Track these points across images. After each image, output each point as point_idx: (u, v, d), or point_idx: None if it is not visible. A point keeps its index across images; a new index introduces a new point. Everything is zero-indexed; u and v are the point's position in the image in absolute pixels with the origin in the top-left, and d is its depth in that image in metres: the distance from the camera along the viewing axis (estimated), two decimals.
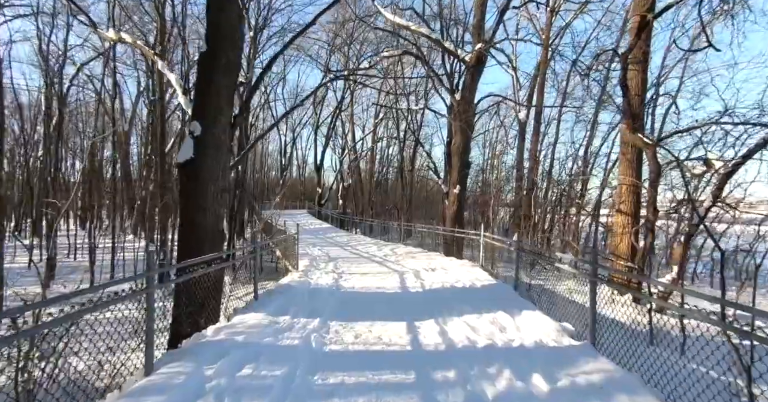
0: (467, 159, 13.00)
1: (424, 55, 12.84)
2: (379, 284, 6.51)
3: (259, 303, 4.88)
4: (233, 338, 3.39)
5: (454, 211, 12.73)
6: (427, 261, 9.01)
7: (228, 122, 5.25)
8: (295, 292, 5.49)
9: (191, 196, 4.96)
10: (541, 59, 19.75)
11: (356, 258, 10.09)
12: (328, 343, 3.61)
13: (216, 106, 5.04)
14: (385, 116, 33.70)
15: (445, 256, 9.92)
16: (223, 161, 5.24)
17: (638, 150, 7.11)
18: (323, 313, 4.53)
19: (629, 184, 7.20)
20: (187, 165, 4.93)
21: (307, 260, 8.89)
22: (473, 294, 5.51)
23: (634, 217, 7.19)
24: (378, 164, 36.88)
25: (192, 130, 4.98)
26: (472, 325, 4.08)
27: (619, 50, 7.82)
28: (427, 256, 10.01)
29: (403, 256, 10.14)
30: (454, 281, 6.42)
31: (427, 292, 5.84)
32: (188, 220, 4.98)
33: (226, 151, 5.27)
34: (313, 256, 10.13)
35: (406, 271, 7.83)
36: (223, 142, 5.19)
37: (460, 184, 12.78)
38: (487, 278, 6.61)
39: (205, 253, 4.75)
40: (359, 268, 8.27)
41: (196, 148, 4.95)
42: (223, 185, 5.32)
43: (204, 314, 4.17)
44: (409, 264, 8.72)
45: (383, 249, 11.71)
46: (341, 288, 6.19)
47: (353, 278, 7.06)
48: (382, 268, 8.27)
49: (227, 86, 5.14)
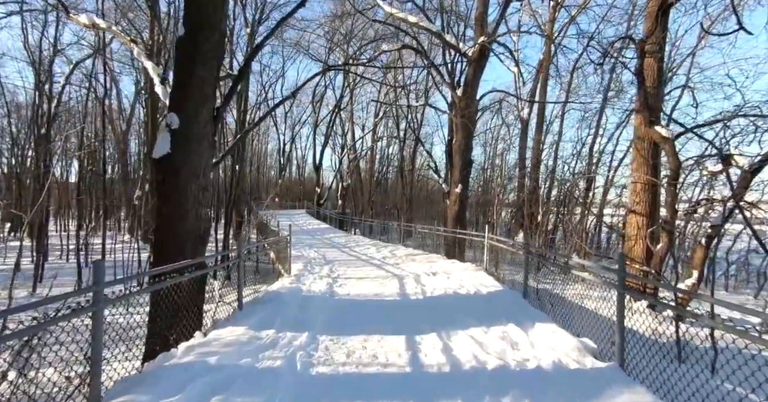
0: (469, 157, 12.54)
1: (424, 49, 12.37)
2: (376, 290, 6.05)
3: (243, 313, 4.42)
4: (205, 360, 2.92)
5: (456, 211, 12.27)
6: (428, 264, 8.55)
7: (210, 114, 4.79)
8: (284, 300, 5.03)
9: (168, 195, 4.50)
10: (544, 56, 19.35)
11: (354, 261, 9.63)
12: (315, 363, 3.15)
13: (197, 97, 4.59)
14: (385, 115, 33.27)
15: (447, 259, 9.46)
16: (205, 157, 4.78)
17: (654, 145, 6.64)
18: (313, 326, 4.07)
19: (644, 182, 6.73)
20: (163, 161, 4.47)
21: (302, 263, 8.43)
22: (479, 302, 5.05)
23: (650, 218, 6.72)
24: (378, 164, 36.45)
25: (169, 122, 4.52)
26: (480, 341, 3.62)
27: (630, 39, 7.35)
28: (427, 258, 9.55)
29: (402, 258, 9.68)
30: (458, 287, 5.96)
31: (429, 300, 5.38)
32: (165, 223, 4.53)
33: (209, 145, 4.81)
34: (309, 258, 9.67)
35: (405, 275, 7.37)
36: (205, 136, 4.73)
37: (461, 183, 12.32)
38: (493, 284, 6.15)
39: (186, 259, 4.32)
40: (356, 272, 7.81)
41: (174, 142, 4.50)
42: (205, 183, 4.86)
43: (175, 330, 3.71)
44: (409, 267, 8.26)
45: (382, 251, 11.26)
46: (335, 295, 5.72)
47: (349, 283, 6.59)
48: (381, 272, 7.81)
49: (209, 74, 4.68)
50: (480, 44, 11.09)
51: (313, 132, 37.76)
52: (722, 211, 5.57)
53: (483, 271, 7.42)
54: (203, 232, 4.87)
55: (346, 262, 9.20)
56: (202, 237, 4.87)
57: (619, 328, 2.94)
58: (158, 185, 4.58)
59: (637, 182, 6.84)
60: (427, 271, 7.65)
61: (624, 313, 2.95)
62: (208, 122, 4.76)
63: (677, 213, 5.98)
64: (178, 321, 3.75)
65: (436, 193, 32.03)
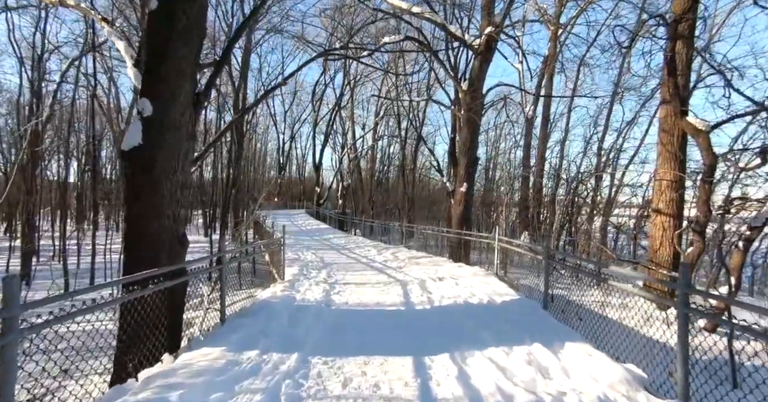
0: (475, 155, 11.94)
1: (428, 41, 11.78)
2: (378, 299, 5.47)
3: (225, 329, 3.85)
4: (165, 397, 2.34)
5: (461, 211, 11.68)
6: (433, 268, 7.97)
7: (189, 101, 4.21)
8: (273, 311, 4.44)
9: (140, 193, 3.93)
10: (550, 52, 18.78)
11: (353, 264, 9.05)
12: (304, 396, 2.57)
13: (173, 80, 4.01)
14: (386, 114, 32.72)
15: (453, 262, 8.87)
16: (184, 150, 4.20)
17: (682, 139, 6.05)
18: (305, 345, 3.49)
19: (671, 179, 6.14)
20: (134, 153, 3.89)
21: (297, 267, 7.84)
22: (494, 314, 4.47)
23: (677, 218, 6.14)
24: (379, 163, 35.90)
25: (141, 109, 3.95)
26: (502, 366, 3.03)
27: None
28: (432, 261, 8.97)
29: (405, 261, 9.10)
30: (468, 295, 5.38)
31: (437, 311, 4.80)
32: (137, 225, 3.95)
33: (187, 136, 4.23)
34: (305, 261, 9.09)
35: (409, 280, 6.79)
36: (183, 126, 4.15)
37: (467, 181, 11.73)
38: (507, 291, 5.56)
39: (162, 265, 3.75)
40: (356, 277, 7.23)
41: (147, 132, 3.92)
42: (184, 180, 4.29)
43: (136, 354, 3.13)
44: (413, 271, 7.67)
45: (383, 253, 10.68)
46: (332, 304, 5.14)
47: (348, 290, 6.01)
48: (382, 277, 7.23)
49: (187, 53, 4.10)
50: (487, 35, 10.50)
51: (313, 131, 37.21)
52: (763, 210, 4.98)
53: (494, 276, 6.83)
54: (182, 235, 4.29)
55: (345, 266, 8.62)
56: (181, 240, 4.30)
57: (682, 357, 2.35)
58: (128, 181, 4.00)
59: (662, 179, 6.25)
60: (432, 275, 7.06)
61: (688, 338, 2.37)
62: (187, 110, 4.18)
63: (711, 213, 5.40)
64: (141, 343, 3.17)
65: (438, 193, 31.47)
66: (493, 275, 6.89)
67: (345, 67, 32.73)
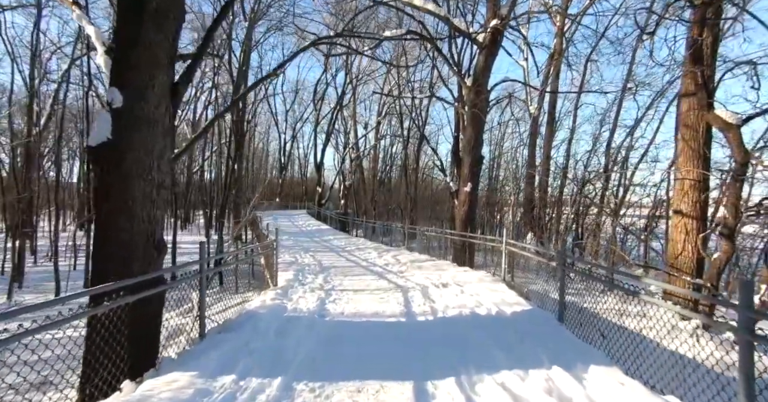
0: (479, 153, 11.50)
1: (431, 35, 11.34)
2: (376, 308, 5.04)
3: (204, 346, 3.43)
4: None
5: (465, 212, 11.23)
6: (436, 272, 7.53)
7: (165, 92, 3.80)
8: (260, 324, 4.02)
9: (109, 194, 3.51)
10: (556, 48, 18.29)
11: (352, 267, 8.63)
12: None
13: (146, 67, 3.59)
14: (388, 113, 32.31)
15: (457, 266, 8.43)
16: (160, 146, 3.78)
17: (706, 134, 5.58)
18: (290, 366, 3.06)
19: (694, 178, 5.67)
20: (102, 150, 3.48)
21: (292, 271, 7.43)
22: (504, 327, 4.02)
23: (701, 220, 5.66)
24: (381, 163, 35.48)
25: (110, 100, 3.54)
26: (517, 394, 2.60)
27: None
28: (435, 265, 8.53)
29: (407, 265, 8.67)
30: (475, 304, 4.93)
31: (441, 323, 4.36)
32: (105, 229, 3.54)
33: (164, 131, 3.81)
34: (302, 265, 8.68)
35: (411, 286, 6.36)
36: (158, 120, 3.74)
37: (471, 181, 11.28)
38: (517, 300, 5.11)
39: (134, 275, 3.35)
40: (354, 283, 6.80)
41: (117, 126, 3.51)
42: (162, 179, 3.87)
43: (90, 382, 2.72)
44: (415, 276, 7.24)
45: (384, 256, 10.25)
46: (326, 315, 4.72)
47: (344, 298, 5.59)
48: (382, 283, 6.80)
49: (163, 38, 3.68)
50: (492, 28, 10.05)
51: (315, 130, 36.88)
52: None
53: (501, 282, 6.38)
54: (158, 239, 3.88)
55: (344, 270, 8.19)
56: (157, 245, 3.88)
57: (746, 394, 1.90)
58: (97, 180, 3.59)
59: (684, 179, 5.78)
60: (435, 281, 6.63)
61: (754, 370, 1.92)
62: (163, 101, 3.77)
63: (741, 215, 4.94)
64: (101, 367, 2.76)
65: (441, 193, 30.99)
66: (501, 281, 6.45)
67: (347, 66, 32.37)
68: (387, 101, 30.97)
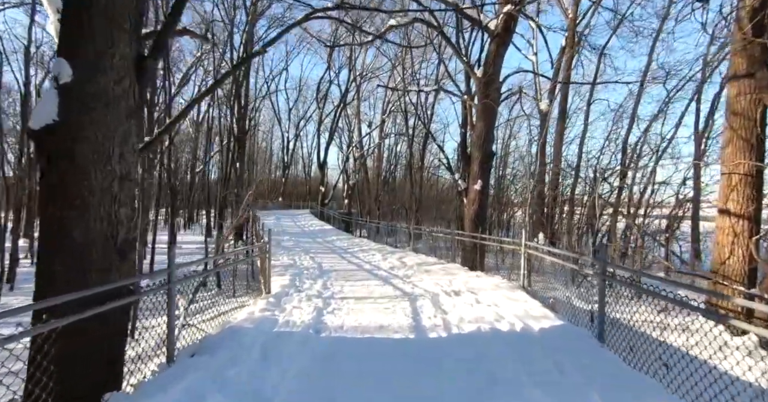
0: (490, 148, 10.80)
1: (438, 22, 10.67)
2: (381, 320, 4.39)
3: (169, 374, 2.80)
4: None
5: (475, 212, 10.55)
6: (446, 277, 6.86)
7: (128, 65, 3.17)
8: (243, 342, 3.39)
9: (57, 188, 2.90)
10: (568, 42, 17.59)
11: (355, 271, 7.99)
12: None
13: (101, 36, 2.97)
14: (393, 110, 31.67)
15: (468, 270, 7.75)
16: (122, 130, 3.15)
17: (761, 121, 4.87)
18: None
19: (745, 172, 4.96)
20: (47, 134, 2.86)
21: (289, 276, 6.80)
22: (534, 349, 3.34)
23: (753, 221, 4.95)
24: (385, 162, 34.86)
25: (56, 73, 2.91)
26: None
27: None
28: (444, 268, 7.86)
29: (414, 268, 8.01)
30: (494, 318, 4.26)
31: (456, 341, 3.70)
32: (52, 231, 2.92)
33: (128, 112, 3.19)
34: (301, 268, 8.05)
35: (419, 294, 5.70)
36: (119, 98, 3.11)
37: (481, 179, 10.60)
38: (542, 312, 4.44)
39: (90, 285, 2.76)
40: (356, 289, 6.16)
41: (66, 105, 2.88)
42: (126, 170, 3.24)
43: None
44: (423, 282, 6.58)
45: (389, 258, 9.59)
46: (323, 330, 4.07)
47: (345, 308, 4.94)
48: (387, 289, 6.14)
49: (126, 2, 3.06)
50: (506, 14, 9.36)
51: (318, 129, 36.33)
52: None
53: (520, 289, 5.70)
54: (121, 243, 3.25)
55: (346, 274, 7.55)
56: (121, 249, 3.26)
57: None
58: (42, 171, 2.97)
59: (733, 173, 5.07)
60: (446, 288, 5.97)
61: None
62: (125, 77, 3.14)
63: None
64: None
65: (446, 192, 30.28)
66: (519, 288, 5.77)
67: (350, 63, 31.78)
68: (391, 99, 30.36)
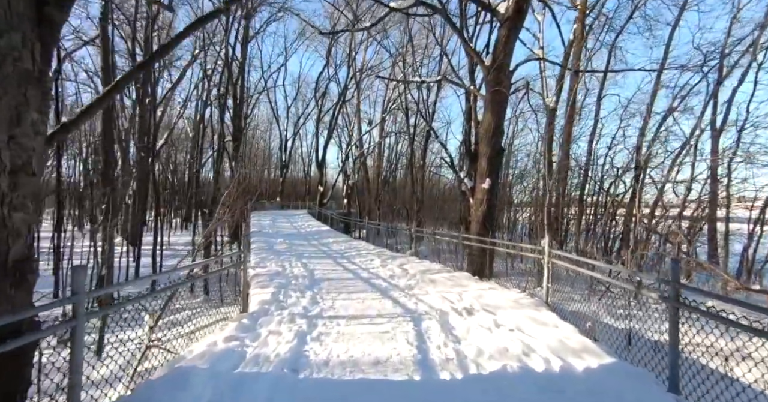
0: (500, 143, 9.89)
1: (443, 5, 9.76)
2: (377, 352, 3.47)
3: None
4: None
5: (483, 213, 9.64)
6: (454, 289, 5.95)
7: (21, 12, 2.26)
8: (188, 393, 2.48)
9: None
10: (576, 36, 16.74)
11: (350, 281, 7.08)
12: None
13: None
14: (393, 109, 30.77)
15: (478, 280, 6.82)
16: (12, 104, 2.25)
17: None
18: None
19: None
20: None
21: (273, 289, 5.87)
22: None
23: None
24: (386, 161, 33.95)
25: None
26: None
27: None
28: (451, 278, 6.94)
29: (416, 277, 7.10)
30: (521, 351, 3.35)
31: (477, 387, 2.78)
32: None
33: (20, 79, 2.28)
34: (289, 277, 7.14)
35: (424, 312, 4.79)
36: (5, 57, 2.20)
37: (489, 177, 9.69)
38: (580, 341, 3.51)
39: None
40: (350, 304, 5.24)
41: None
42: (20, 161, 2.34)
43: None
44: (429, 296, 5.66)
45: (389, 264, 8.68)
46: (303, 367, 3.15)
47: (334, 332, 4.03)
48: (386, 304, 5.23)
49: None
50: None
51: (316, 127, 35.44)
52: None
53: (545, 306, 4.78)
54: (14, 261, 2.34)
55: (339, 285, 6.64)
56: (16, 268, 2.35)
57: None
58: None
59: None
60: (456, 304, 5.05)
61: None
62: (17, 27, 2.23)
63: None
64: None
65: (448, 193, 29.35)
66: (544, 305, 4.85)
67: (349, 59, 30.89)
68: (392, 97, 29.47)
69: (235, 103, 26.35)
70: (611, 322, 4.70)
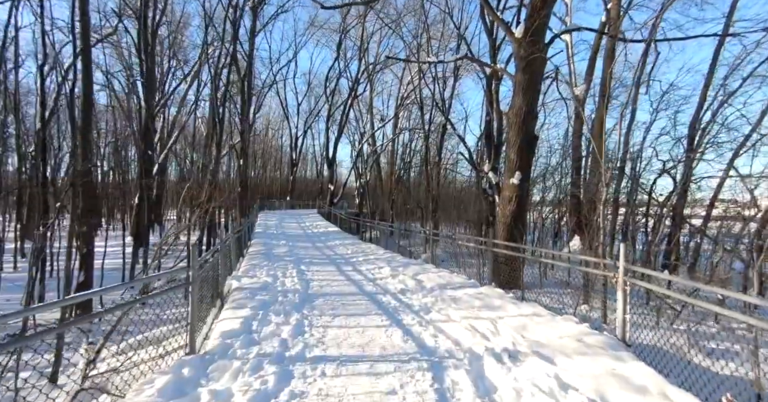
0: (533, 129, 8.37)
1: None
2: None
3: None
4: None
5: (513, 213, 8.16)
6: (485, 313, 4.51)
7: None
8: None
9: None
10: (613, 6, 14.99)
11: (351, 297, 5.70)
12: None
13: None
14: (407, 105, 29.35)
15: (515, 300, 5.32)
16: None
17: None
18: None
19: None
20: None
21: (249, 310, 4.54)
22: None
23: None
24: (399, 159, 32.55)
25: None
26: None
27: None
28: (478, 295, 5.48)
29: (435, 293, 5.69)
30: None
31: None
32: None
33: None
34: (277, 292, 5.81)
35: (447, 352, 3.38)
36: None
37: (520, 170, 8.21)
38: None
39: None
40: (345, 334, 3.87)
41: None
42: None
43: None
44: (452, 325, 4.24)
45: (400, 274, 7.27)
46: None
47: (312, 394, 2.66)
48: (394, 338, 3.83)
49: None
50: None
51: (327, 124, 34.27)
52: None
53: (625, 350, 3.30)
54: None
55: (336, 303, 5.27)
56: None
57: None
58: None
59: None
60: (491, 340, 3.63)
61: None
62: None
63: None
64: None
65: (465, 191, 27.72)
66: (623, 347, 3.36)
67: (360, 51, 29.61)
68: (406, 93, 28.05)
69: (242, 98, 25.40)
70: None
